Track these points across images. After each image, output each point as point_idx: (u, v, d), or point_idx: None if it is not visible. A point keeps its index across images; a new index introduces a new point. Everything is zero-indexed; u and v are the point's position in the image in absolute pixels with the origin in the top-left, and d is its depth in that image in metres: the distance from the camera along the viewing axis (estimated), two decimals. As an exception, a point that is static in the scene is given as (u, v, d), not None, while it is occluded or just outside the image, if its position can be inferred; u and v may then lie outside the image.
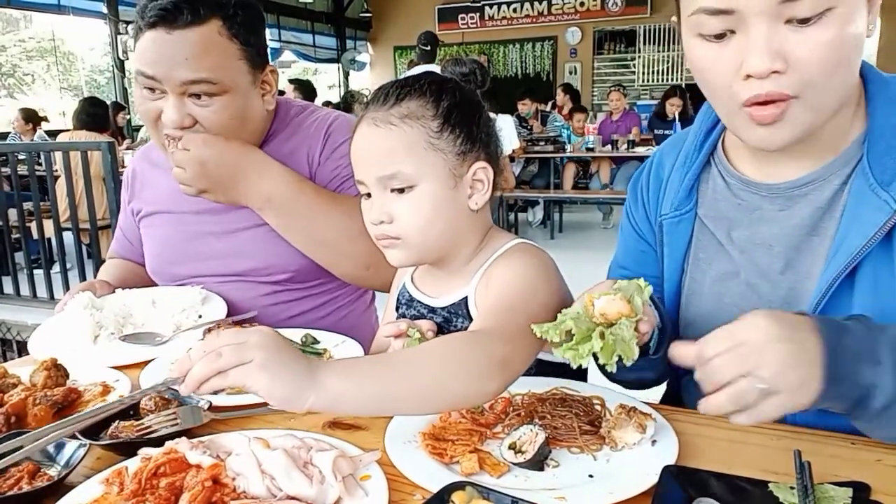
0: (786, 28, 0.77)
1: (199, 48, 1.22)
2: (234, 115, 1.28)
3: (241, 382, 0.73)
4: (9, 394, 1.03)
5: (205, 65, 1.22)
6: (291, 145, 1.42)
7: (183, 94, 1.24)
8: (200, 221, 1.43)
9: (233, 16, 1.26)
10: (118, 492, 0.75)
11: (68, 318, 1.31)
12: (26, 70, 13.29)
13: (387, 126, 0.97)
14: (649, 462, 0.79)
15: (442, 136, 0.97)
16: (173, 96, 1.24)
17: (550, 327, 0.80)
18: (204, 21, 1.22)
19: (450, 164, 0.98)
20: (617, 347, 0.77)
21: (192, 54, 1.21)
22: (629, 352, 0.77)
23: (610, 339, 0.77)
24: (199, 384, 0.74)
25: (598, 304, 0.81)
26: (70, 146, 4.19)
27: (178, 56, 1.21)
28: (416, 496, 0.77)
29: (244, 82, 1.29)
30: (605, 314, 0.80)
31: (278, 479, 0.74)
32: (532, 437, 0.83)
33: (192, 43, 1.22)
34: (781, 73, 0.78)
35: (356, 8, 13.57)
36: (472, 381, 0.81)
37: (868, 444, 0.85)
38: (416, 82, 1.01)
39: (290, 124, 1.45)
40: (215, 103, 1.25)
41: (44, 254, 4.47)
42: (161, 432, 0.89)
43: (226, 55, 1.25)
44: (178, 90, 1.23)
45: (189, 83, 1.22)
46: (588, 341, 0.78)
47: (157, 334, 1.29)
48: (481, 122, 1.03)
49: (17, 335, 4.10)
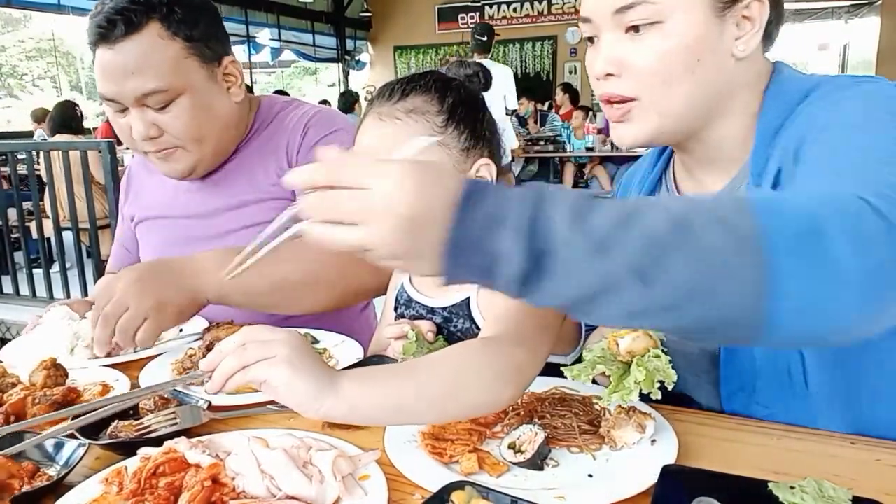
0: (626, 37, 0.86)
1: (141, 59, 1.21)
2: (195, 115, 1.27)
3: (263, 375, 0.72)
4: (8, 393, 1.03)
5: (150, 75, 1.21)
6: (274, 142, 1.41)
7: (142, 106, 1.23)
8: (192, 226, 1.43)
9: (169, 14, 1.24)
10: (117, 491, 0.75)
11: (45, 329, 1.28)
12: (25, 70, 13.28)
13: (392, 120, 0.97)
14: (649, 462, 0.79)
15: (446, 131, 0.98)
16: (134, 110, 1.24)
17: (581, 370, 0.83)
18: (140, 28, 1.21)
19: (454, 160, 0.98)
20: (657, 375, 0.80)
21: (136, 67, 1.21)
22: (669, 376, 0.80)
23: (650, 367, 0.80)
24: (226, 380, 0.73)
25: (622, 343, 0.83)
26: (70, 146, 4.18)
27: (125, 69, 1.21)
28: (416, 496, 0.77)
29: (199, 79, 1.27)
30: (632, 352, 0.83)
31: (278, 479, 0.74)
32: (531, 436, 0.83)
33: (134, 55, 1.21)
34: (618, 77, 0.88)
35: (356, 7, 13.56)
36: (487, 388, 0.81)
37: (868, 444, 0.85)
38: (421, 79, 1.02)
39: (273, 121, 1.44)
40: (174, 108, 1.24)
41: (43, 253, 4.47)
42: (160, 432, 0.89)
43: (170, 58, 1.23)
44: (135, 104, 1.23)
45: (141, 96, 1.22)
46: (627, 376, 0.81)
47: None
48: (485, 120, 1.03)
49: (16, 335, 4.10)
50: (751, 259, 0.56)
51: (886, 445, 0.84)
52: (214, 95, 1.31)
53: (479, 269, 0.59)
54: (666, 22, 0.84)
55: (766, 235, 0.56)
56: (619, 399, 0.80)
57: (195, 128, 1.27)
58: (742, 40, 0.87)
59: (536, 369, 0.86)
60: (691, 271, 0.56)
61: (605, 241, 0.56)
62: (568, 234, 0.57)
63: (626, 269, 0.56)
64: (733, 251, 0.56)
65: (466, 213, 0.58)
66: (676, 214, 0.58)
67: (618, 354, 0.84)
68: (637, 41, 0.86)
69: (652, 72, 0.86)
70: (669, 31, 0.84)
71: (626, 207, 0.59)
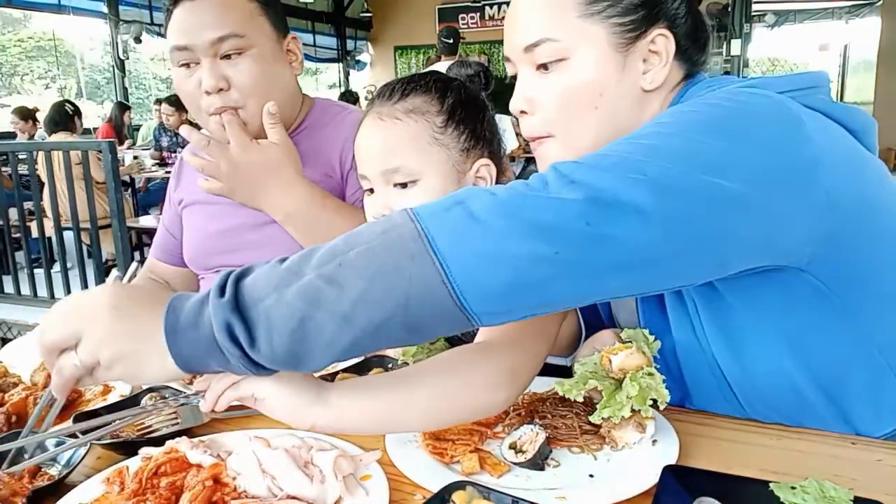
0: (537, 74, 0.89)
1: (220, 8, 1.29)
2: (264, 72, 1.31)
3: (249, 390, 0.73)
4: (9, 393, 1.03)
5: (229, 20, 1.28)
6: (330, 138, 1.45)
7: (214, 55, 1.28)
8: (236, 213, 1.44)
9: None
10: (119, 491, 0.75)
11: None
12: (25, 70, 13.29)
13: (392, 120, 0.98)
14: (650, 462, 0.79)
15: (446, 131, 0.98)
16: (206, 59, 1.28)
17: (573, 385, 0.83)
18: None
19: (453, 160, 0.98)
20: (650, 392, 0.80)
21: (215, 14, 1.28)
22: (662, 395, 0.80)
23: (643, 384, 0.80)
24: (217, 398, 0.74)
25: (615, 359, 0.84)
26: (70, 146, 4.18)
27: (205, 19, 1.27)
28: (417, 496, 0.77)
29: (269, 41, 1.34)
30: (624, 368, 0.83)
31: (279, 479, 0.74)
32: (532, 436, 0.83)
33: (214, 4, 1.29)
34: (531, 115, 0.91)
35: (356, 8, 13.56)
36: (480, 393, 0.80)
37: (868, 444, 0.85)
38: (421, 79, 1.02)
39: (329, 121, 1.48)
40: (245, 60, 1.29)
41: (44, 253, 4.48)
42: (162, 432, 0.89)
43: (247, 11, 1.31)
44: (209, 52, 1.27)
45: (217, 41, 1.27)
46: (619, 392, 0.81)
47: None
48: (486, 121, 1.03)
49: (17, 334, 4.10)
50: (407, 230, 0.65)
51: (887, 445, 0.84)
52: (280, 62, 1.37)
53: (201, 343, 0.65)
54: (570, 59, 0.86)
55: (415, 212, 0.66)
56: (609, 413, 0.80)
57: (262, 86, 1.32)
58: (650, 73, 0.88)
59: (532, 372, 0.86)
60: (367, 257, 0.64)
61: (293, 268, 0.65)
62: (264, 275, 0.66)
63: (317, 277, 0.64)
64: (393, 230, 0.65)
65: (177, 303, 0.67)
66: (349, 231, 0.68)
67: (610, 371, 0.84)
68: (545, 78, 0.88)
69: (557, 107, 0.88)
70: (573, 68, 0.87)
71: (310, 247, 0.68)
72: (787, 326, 0.85)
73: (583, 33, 0.86)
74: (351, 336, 0.64)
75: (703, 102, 0.77)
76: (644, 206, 0.65)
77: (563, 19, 0.86)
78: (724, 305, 0.86)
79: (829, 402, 0.88)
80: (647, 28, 0.87)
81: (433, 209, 0.66)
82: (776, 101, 0.77)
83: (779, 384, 0.88)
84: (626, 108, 0.89)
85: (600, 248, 0.65)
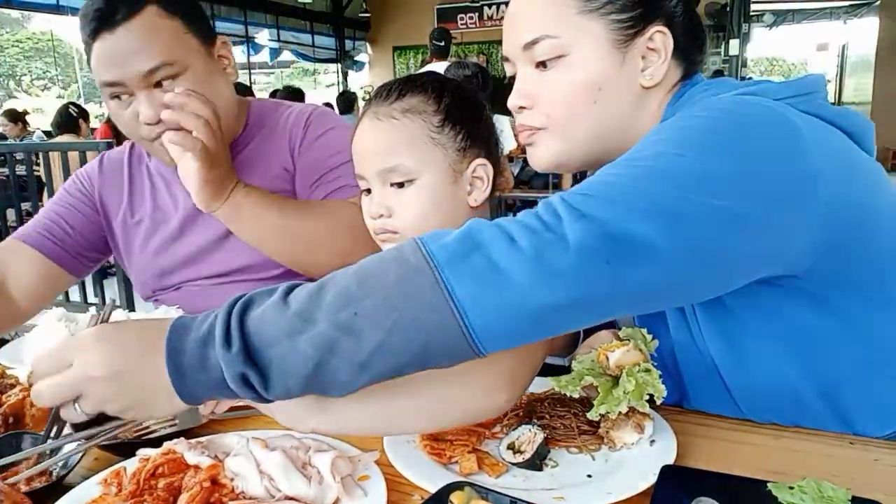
0: (536, 72, 0.90)
1: (144, 35, 1.22)
2: (201, 91, 1.26)
3: None
4: (7, 394, 1.02)
5: (156, 49, 1.22)
6: (273, 141, 1.42)
7: (148, 86, 1.23)
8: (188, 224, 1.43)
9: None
10: (116, 492, 0.75)
11: (41, 330, 1.28)
12: (23, 70, 13.27)
13: (389, 120, 0.98)
14: (648, 462, 0.79)
15: (443, 130, 0.98)
16: (141, 93, 1.23)
17: (570, 382, 0.83)
18: (140, 10, 1.23)
19: (450, 160, 0.98)
20: (646, 388, 0.80)
21: (140, 46, 1.22)
22: (659, 391, 0.80)
23: (640, 380, 0.80)
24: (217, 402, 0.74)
25: (612, 356, 0.83)
26: (69, 146, 4.18)
27: (129, 50, 1.22)
28: (415, 496, 0.77)
29: (199, 56, 1.29)
30: (621, 365, 0.83)
31: (277, 480, 0.74)
32: (531, 437, 0.83)
33: (137, 35, 1.22)
34: (529, 110, 0.92)
35: (355, 8, 13.57)
36: (480, 395, 0.80)
37: (868, 444, 0.85)
38: (418, 79, 1.02)
39: (267, 124, 1.45)
40: (181, 85, 1.24)
41: (42, 254, 4.47)
42: (159, 433, 0.89)
43: (172, 33, 1.25)
44: (142, 84, 1.23)
45: (149, 72, 1.22)
46: (616, 388, 0.81)
47: None
48: (483, 121, 1.04)
49: (14, 335, 4.08)
50: (426, 279, 0.63)
51: (886, 445, 0.84)
52: (214, 73, 1.33)
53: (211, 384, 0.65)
54: (569, 55, 0.87)
55: (432, 256, 0.64)
56: (606, 409, 0.80)
57: None
58: (648, 70, 0.88)
59: (532, 373, 0.86)
60: (386, 308, 0.63)
61: (304, 313, 0.63)
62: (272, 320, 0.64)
63: (332, 327, 0.62)
64: (411, 277, 0.63)
65: (177, 343, 0.65)
66: (358, 269, 0.66)
67: (607, 368, 0.84)
68: (545, 75, 0.89)
69: (557, 103, 0.89)
70: (572, 64, 0.87)
71: (319, 282, 0.66)
72: (786, 330, 0.85)
73: (581, 30, 0.86)
74: (368, 378, 0.65)
75: (704, 115, 0.77)
76: (656, 240, 0.65)
77: (561, 16, 0.87)
78: (722, 308, 0.86)
79: (827, 406, 0.88)
80: (646, 25, 0.87)
81: (451, 253, 0.64)
82: (775, 113, 0.77)
83: (777, 387, 0.88)
84: (624, 106, 0.89)
85: (620, 284, 0.66)
